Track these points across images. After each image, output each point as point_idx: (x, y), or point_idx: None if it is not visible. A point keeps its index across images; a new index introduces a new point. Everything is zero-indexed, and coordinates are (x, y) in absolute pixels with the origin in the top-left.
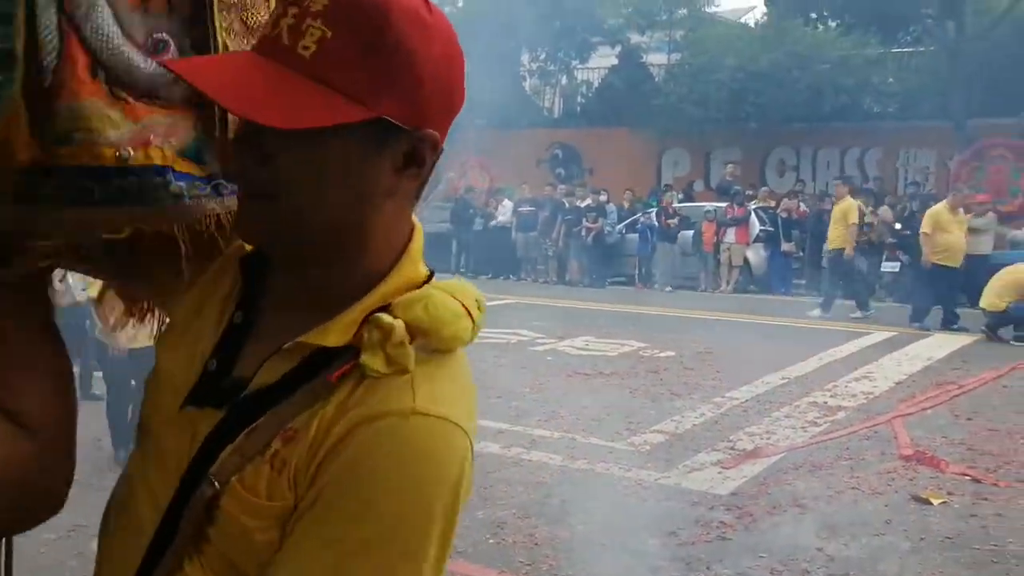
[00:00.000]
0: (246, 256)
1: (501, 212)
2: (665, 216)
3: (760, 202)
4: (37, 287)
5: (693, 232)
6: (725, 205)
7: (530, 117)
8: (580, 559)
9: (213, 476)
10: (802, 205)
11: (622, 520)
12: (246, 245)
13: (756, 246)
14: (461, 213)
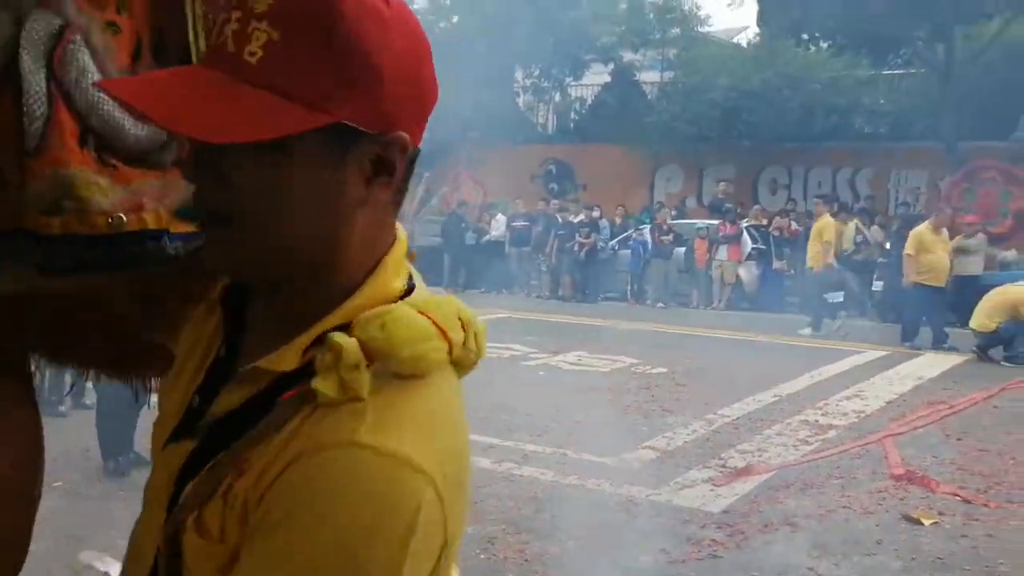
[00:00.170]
0: (227, 287)
1: (494, 227)
2: (659, 233)
3: (752, 220)
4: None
5: (685, 249)
6: (718, 223)
7: (524, 133)
8: (571, 575)
9: (176, 515)
10: (793, 224)
11: (613, 536)
12: None
13: (748, 264)
14: (452, 227)
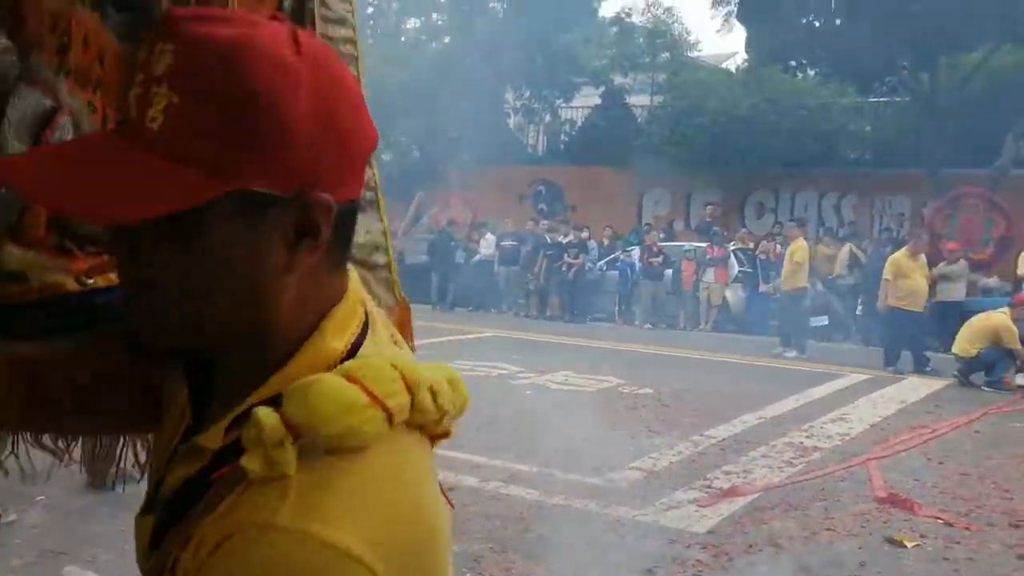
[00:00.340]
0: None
1: (484, 246)
2: (649, 255)
3: (738, 243)
4: None
5: (672, 271)
6: (705, 245)
7: (514, 154)
8: None
9: None
10: (779, 247)
11: (599, 557)
12: None
13: (735, 286)
14: (441, 245)
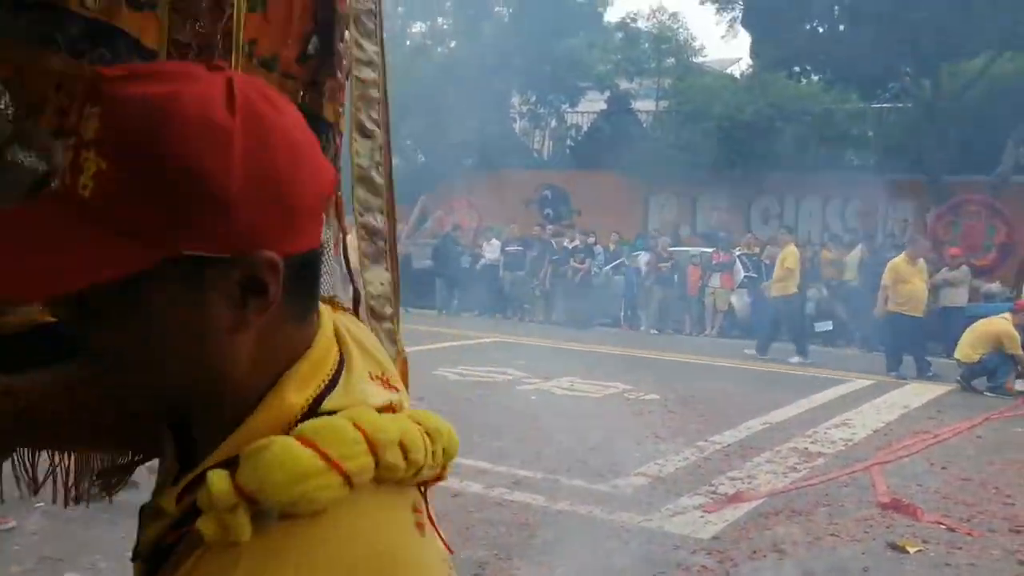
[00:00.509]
0: None
1: (489, 251)
2: (658, 260)
3: (744, 249)
4: None
5: (678, 276)
6: (711, 250)
7: (520, 158)
8: None
9: None
10: None
11: (604, 562)
12: None
13: (740, 291)
14: (445, 250)
